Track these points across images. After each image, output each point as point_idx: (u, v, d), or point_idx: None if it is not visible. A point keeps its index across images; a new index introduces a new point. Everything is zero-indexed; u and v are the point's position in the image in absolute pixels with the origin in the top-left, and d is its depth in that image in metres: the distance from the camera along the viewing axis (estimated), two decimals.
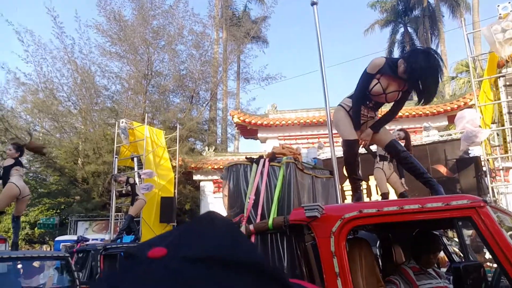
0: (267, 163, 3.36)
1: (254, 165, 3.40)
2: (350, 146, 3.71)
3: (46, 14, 18.52)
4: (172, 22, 21.48)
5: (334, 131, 3.77)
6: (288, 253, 3.02)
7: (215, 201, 18.30)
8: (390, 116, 3.85)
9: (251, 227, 3.16)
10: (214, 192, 18.51)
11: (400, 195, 6.63)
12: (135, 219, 10.42)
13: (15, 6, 54.97)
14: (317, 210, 2.61)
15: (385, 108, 4.05)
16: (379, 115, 3.92)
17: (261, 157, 3.47)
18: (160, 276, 0.38)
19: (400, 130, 7.02)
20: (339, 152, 4.00)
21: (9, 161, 6.35)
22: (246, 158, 3.52)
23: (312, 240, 2.77)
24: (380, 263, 3.56)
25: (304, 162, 3.72)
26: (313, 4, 3.90)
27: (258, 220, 3.22)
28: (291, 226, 2.94)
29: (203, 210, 18.22)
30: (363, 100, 3.68)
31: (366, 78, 3.59)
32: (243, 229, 3.18)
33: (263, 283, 0.41)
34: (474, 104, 14.36)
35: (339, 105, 3.82)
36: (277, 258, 3.03)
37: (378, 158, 6.84)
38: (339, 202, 3.57)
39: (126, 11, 21.14)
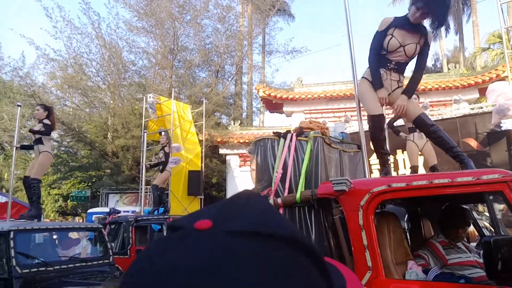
0: (294, 138, 3.38)
1: (282, 140, 3.43)
2: (375, 121, 3.68)
3: None
4: None
5: (362, 105, 3.74)
6: (315, 226, 3.06)
7: (240, 175, 18.50)
8: (418, 73, 3.77)
9: (279, 200, 3.21)
10: (240, 166, 18.68)
11: (431, 168, 6.55)
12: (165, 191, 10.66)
13: None
14: (345, 184, 2.63)
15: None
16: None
17: (288, 131, 3.49)
18: (210, 246, 0.41)
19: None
20: (366, 126, 3.97)
21: (39, 126, 6.56)
22: (274, 133, 3.55)
23: (340, 213, 2.79)
24: (409, 237, 3.57)
25: (331, 137, 3.72)
26: None
27: (285, 193, 3.26)
28: (318, 200, 2.97)
29: (229, 184, 18.49)
30: (382, 63, 3.64)
31: (378, 37, 3.61)
32: (271, 202, 3.23)
33: (300, 256, 0.43)
34: (506, 76, 13.89)
35: (362, 77, 3.78)
36: (304, 231, 3.08)
37: (408, 131, 6.76)
38: (367, 176, 3.57)
39: None
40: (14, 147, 7.29)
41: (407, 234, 3.66)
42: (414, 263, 2.91)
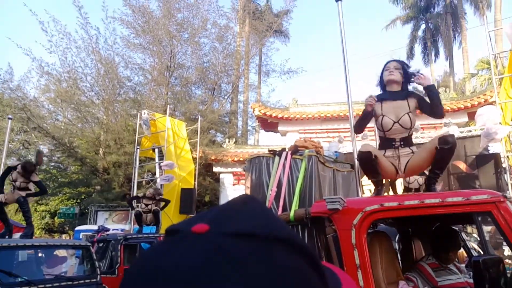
0: (289, 156, 3.42)
1: (277, 158, 3.46)
2: (362, 157, 3.35)
3: (71, 4, 18.80)
4: (196, 15, 21.64)
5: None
6: (309, 244, 3.07)
7: (234, 194, 18.41)
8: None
9: None
10: (233, 185, 18.64)
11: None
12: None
13: None
14: (338, 202, 2.66)
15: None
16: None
17: (283, 150, 3.53)
18: (207, 248, 0.42)
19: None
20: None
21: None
22: (269, 150, 3.58)
23: (333, 232, 2.81)
24: (400, 257, 3.59)
25: (325, 156, 3.76)
26: (337, 0, 3.92)
27: (279, 212, 3.28)
28: (312, 218, 2.99)
29: (222, 202, 18.34)
30: (386, 144, 3.40)
31: (365, 114, 3.43)
32: None
33: (297, 257, 0.44)
34: (494, 101, 14.13)
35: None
36: None
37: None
38: (360, 196, 3.60)
39: (152, 3, 21.35)
40: (2, 162, 7.20)
41: (398, 254, 3.68)
42: (405, 283, 2.93)
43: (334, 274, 0.56)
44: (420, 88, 3.47)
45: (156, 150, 14.86)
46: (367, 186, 11.00)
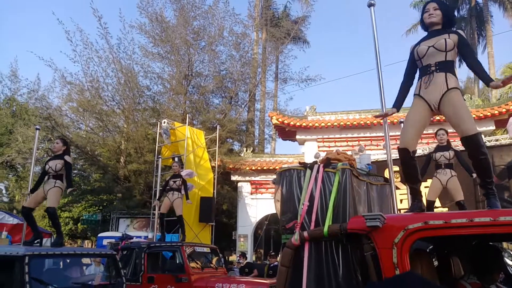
0: (321, 169, 3.31)
1: (308, 171, 3.35)
2: (400, 154, 3.31)
3: (92, 15, 19.07)
4: (212, 23, 21.69)
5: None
6: (343, 262, 2.95)
7: (252, 202, 18.35)
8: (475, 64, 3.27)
9: (305, 233, 3.11)
10: (251, 193, 18.56)
11: (457, 203, 6.37)
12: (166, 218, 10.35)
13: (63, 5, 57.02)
14: (379, 220, 2.54)
15: None
16: None
17: (315, 162, 3.42)
18: None
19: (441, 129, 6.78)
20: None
21: (60, 163, 6.53)
22: (300, 163, 3.48)
23: (371, 250, 2.69)
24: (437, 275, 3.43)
25: (358, 168, 3.64)
26: (370, 5, 3.82)
27: (312, 227, 3.17)
28: (348, 235, 2.87)
29: (240, 211, 18.32)
30: (423, 72, 3.33)
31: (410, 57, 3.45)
32: (296, 235, 3.14)
33: None
34: None
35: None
36: (331, 267, 2.97)
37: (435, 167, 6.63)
38: (395, 211, 3.46)
39: (167, 12, 21.51)
40: (31, 170, 7.29)
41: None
42: None
43: None
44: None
45: (176, 158, 14.89)
46: (400, 196, 10.80)
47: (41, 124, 17.59)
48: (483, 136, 13.82)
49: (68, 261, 6.23)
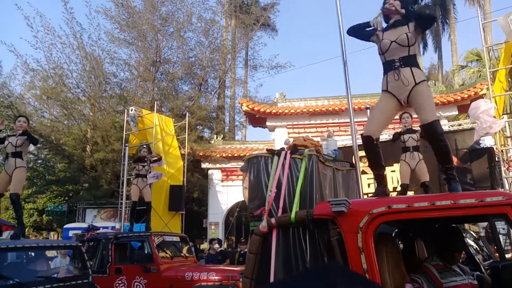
0: (288, 156, 3.30)
1: (276, 157, 3.34)
2: (363, 141, 3.47)
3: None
4: (181, 9, 21.29)
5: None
6: (311, 247, 2.97)
7: (223, 189, 18.32)
8: None
9: (273, 220, 3.11)
10: (222, 181, 18.52)
11: (422, 184, 6.61)
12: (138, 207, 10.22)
13: None
14: (344, 205, 2.55)
15: None
16: None
17: (282, 149, 3.41)
18: None
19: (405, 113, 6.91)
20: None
21: (22, 138, 6.28)
22: (267, 150, 3.46)
23: (337, 235, 2.71)
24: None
25: (325, 154, 3.65)
26: None
27: (279, 213, 3.17)
28: (314, 220, 2.88)
29: (211, 199, 18.27)
30: (387, 68, 3.45)
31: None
32: (264, 222, 3.13)
33: None
34: (484, 94, 14.15)
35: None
36: (299, 253, 2.98)
37: (401, 150, 6.80)
38: (361, 196, 3.50)
39: None
40: None
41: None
42: (411, 286, 2.84)
43: None
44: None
45: (144, 146, 14.63)
46: (367, 181, 11.00)
47: (2, 113, 16.96)
48: (446, 120, 14.25)
49: (32, 254, 6.05)
